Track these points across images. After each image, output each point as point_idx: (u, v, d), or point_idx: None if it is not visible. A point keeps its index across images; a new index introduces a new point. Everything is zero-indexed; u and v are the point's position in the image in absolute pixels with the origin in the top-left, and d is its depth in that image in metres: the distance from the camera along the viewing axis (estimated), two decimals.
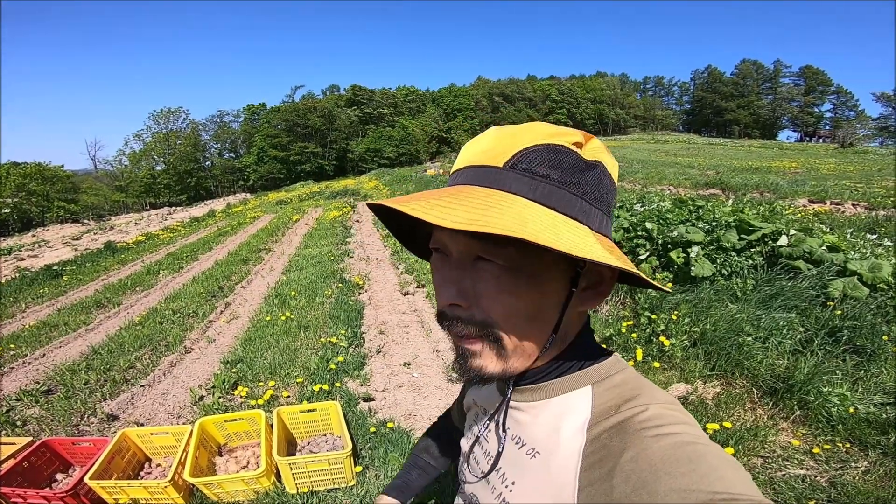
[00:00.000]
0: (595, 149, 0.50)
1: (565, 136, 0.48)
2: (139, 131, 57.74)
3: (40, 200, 35.75)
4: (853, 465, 2.39)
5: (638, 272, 0.46)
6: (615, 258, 0.45)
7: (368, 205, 0.53)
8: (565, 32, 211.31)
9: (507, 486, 0.56)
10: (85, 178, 50.47)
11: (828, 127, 74.29)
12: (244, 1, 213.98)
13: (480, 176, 0.48)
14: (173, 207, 41.64)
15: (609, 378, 0.52)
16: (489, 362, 0.51)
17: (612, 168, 0.51)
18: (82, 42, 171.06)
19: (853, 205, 10.52)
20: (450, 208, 0.43)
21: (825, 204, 10.78)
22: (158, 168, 54.04)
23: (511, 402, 0.58)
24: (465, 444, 0.71)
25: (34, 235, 23.82)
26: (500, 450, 0.58)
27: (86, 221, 32.76)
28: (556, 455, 0.50)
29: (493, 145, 0.49)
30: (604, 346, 0.59)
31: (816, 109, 76.65)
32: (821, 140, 67.82)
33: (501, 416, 0.59)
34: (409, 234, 0.64)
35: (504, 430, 0.58)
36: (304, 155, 55.11)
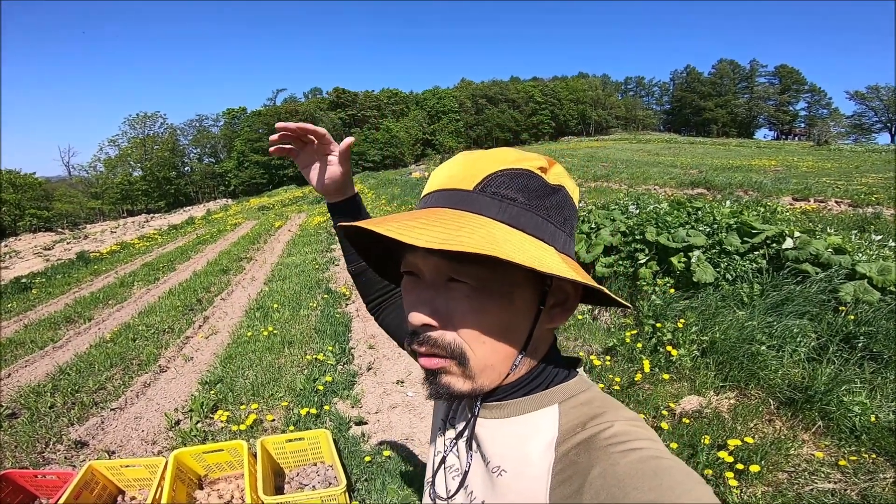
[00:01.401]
0: (558, 174, 0.52)
1: (530, 161, 0.51)
2: (114, 136, 56.21)
3: (12, 209, 34.61)
4: (882, 476, 2.30)
5: (601, 288, 0.48)
6: (580, 276, 0.47)
7: (341, 226, 0.55)
8: (548, 34, 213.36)
9: None
10: (58, 186, 49.24)
11: (803, 125, 75.87)
12: (223, 1, 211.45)
13: (451, 199, 0.50)
14: (151, 214, 40.75)
15: (575, 397, 0.53)
16: (457, 381, 0.51)
17: (574, 192, 0.54)
18: (53, 44, 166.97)
19: (837, 202, 10.62)
20: (423, 229, 0.44)
21: (810, 202, 10.85)
22: (136, 174, 52.88)
23: (478, 419, 0.58)
24: (431, 460, 0.70)
25: (6, 245, 23.01)
26: (468, 469, 0.58)
27: (60, 230, 31.84)
28: (526, 473, 0.50)
29: (461, 170, 0.51)
30: (575, 358, 0.60)
31: (791, 108, 78.01)
32: (796, 138, 69.18)
33: (469, 432, 0.58)
34: (380, 259, 0.67)
35: (471, 448, 0.58)
36: (286, 159, 54.05)
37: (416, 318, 0.50)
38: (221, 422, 3.21)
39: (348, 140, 0.81)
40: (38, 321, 6.21)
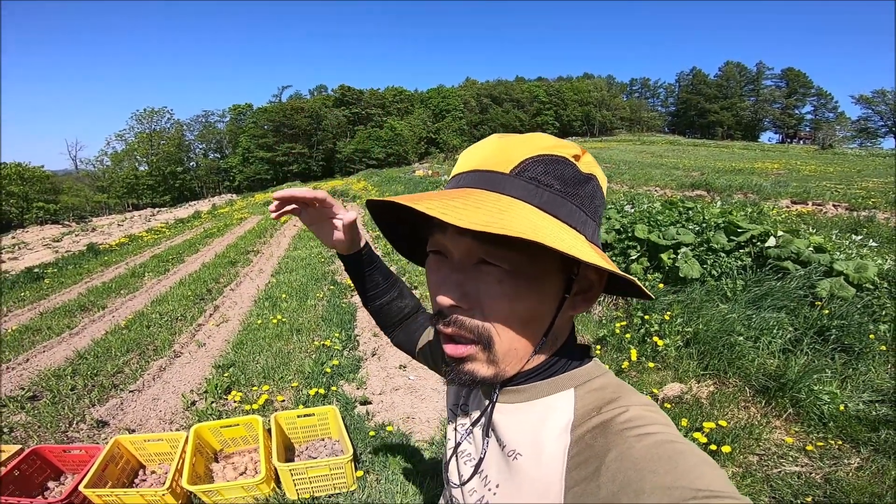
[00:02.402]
0: (589, 163, 0.52)
1: (565, 148, 0.50)
2: (121, 131, 56.93)
3: (19, 201, 34.95)
4: (846, 461, 2.44)
5: (633, 279, 0.49)
6: (615, 267, 0.47)
7: (376, 201, 0.53)
8: (553, 35, 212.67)
9: (489, 489, 0.56)
10: (65, 179, 49.44)
11: (808, 129, 75.49)
12: (230, 1, 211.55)
13: (486, 180, 0.49)
14: (157, 209, 40.95)
15: (590, 381, 0.53)
16: (481, 367, 0.52)
17: (603, 182, 0.54)
18: (61, 39, 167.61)
19: (834, 206, 10.75)
20: (466, 210, 0.43)
21: (807, 205, 11.01)
22: (142, 169, 53.19)
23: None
24: (447, 446, 0.71)
25: (13, 237, 23.24)
26: (483, 455, 0.58)
27: (66, 223, 32.04)
28: (541, 456, 0.50)
29: (496, 152, 0.51)
30: (587, 346, 0.60)
31: (797, 111, 77.74)
32: (801, 142, 68.99)
33: (486, 419, 0.59)
34: (406, 238, 0.66)
35: (488, 434, 0.58)
36: (291, 155, 54.59)
37: (445, 299, 0.50)
38: (235, 402, 3.41)
39: (352, 216, 0.81)
40: (53, 309, 6.37)
